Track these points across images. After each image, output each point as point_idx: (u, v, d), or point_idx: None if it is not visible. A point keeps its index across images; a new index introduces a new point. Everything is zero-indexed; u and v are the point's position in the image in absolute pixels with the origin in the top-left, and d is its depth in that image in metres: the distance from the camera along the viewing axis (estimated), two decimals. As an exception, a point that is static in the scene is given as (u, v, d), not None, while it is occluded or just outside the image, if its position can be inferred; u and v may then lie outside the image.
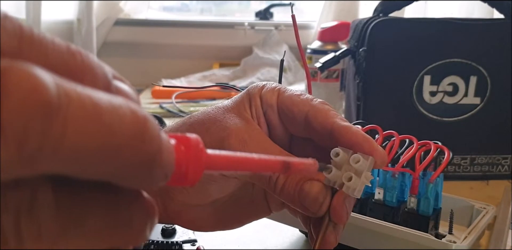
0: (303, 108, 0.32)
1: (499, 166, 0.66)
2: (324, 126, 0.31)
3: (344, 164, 0.29)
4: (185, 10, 1.81)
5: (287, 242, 0.48)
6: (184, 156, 0.16)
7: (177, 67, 1.48)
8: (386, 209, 0.42)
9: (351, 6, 1.41)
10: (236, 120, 0.33)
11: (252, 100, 0.34)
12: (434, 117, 0.65)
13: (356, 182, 0.28)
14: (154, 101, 1.13)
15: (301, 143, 0.34)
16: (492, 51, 0.64)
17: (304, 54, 0.39)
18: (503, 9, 0.68)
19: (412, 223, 0.41)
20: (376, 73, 0.65)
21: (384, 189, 0.43)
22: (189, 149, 0.16)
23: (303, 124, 0.32)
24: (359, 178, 0.28)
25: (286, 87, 0.34)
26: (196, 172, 0.17)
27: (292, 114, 0.33)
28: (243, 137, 0.32)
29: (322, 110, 0.32)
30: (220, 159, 0.18)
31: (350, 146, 0.30)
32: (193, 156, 0.16)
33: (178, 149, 0.16)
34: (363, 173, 0.28)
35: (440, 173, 0.41)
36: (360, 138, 0.29)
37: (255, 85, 0.35)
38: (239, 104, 0.34)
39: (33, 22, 1.44)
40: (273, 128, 0.34)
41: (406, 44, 0.64)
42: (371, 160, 0.29)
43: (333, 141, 0.30)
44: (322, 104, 0.33)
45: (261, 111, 0.34)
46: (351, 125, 0.31)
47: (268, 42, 1.44)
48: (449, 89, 0.64)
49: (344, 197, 0.30)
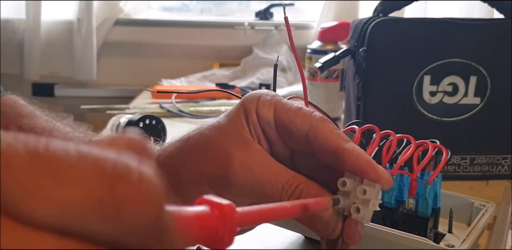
0: (302, 128, 0.31)
1: (499, 166, 0.66)
2: (326, 149, 0.30)
3: (352, 191, 0.30)
4: (185, 10, 1.81)
5: (287, 242, 0.48)
6: (219, 221, 0.17)
7: (177, 67, 1.48)
8: (384, 210, 0.42)
9: (351, 6, 1.41)
10: (237, 144, 0.31)
11: (249, 117, 0.32)
12: (434, 117, 0.65)
13: (365, 211, 0.29)
14: (154, 101, 1.13)
15: (304, 155, 0.33)
16: (492, 51, 0.64)
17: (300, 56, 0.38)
18: (503, 9, 0.68)
19: (411, 225, 0.41)
20: (376, 73, 0.65)
21: (382, 190, 0.43)
22: (224, 216, 0.18)
23: (303, 142, 0.31)
24: (367, 206, 0.29)
25: (282, 100, 0.33)
26: (231, 236, 0.18)
27: (291, 133, 0.32)
28: (246, 162, 0.31)
29: (322, 131, 0.31)
30: (249, 217, 0.20)
31: (354, 172, 0.30)
32: (229, 223, 0.18)
33: (213, 214, 0.17)
34: (371, 201, 0.29)
35: (438, 174, 0.41)
36: (364, 164, 0.29)
37: (249, 98, 0.33)
38: (236, 122, 0.32)
39: (33, 22, 1.44)
40: (273, 143, 0.33)
41: (406, 44, 0.64)
42: (378, 187, 0.29)
43: (337, 163, 0.30)
44: (322, 122, 0.31)
45: (259, 128, 0.32)
46: (354, 147, 0.30)
47: (268, 42, 1.44)
48: (449, 89, 0.64)
49: (355, 222, 0.30)
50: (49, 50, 1.48)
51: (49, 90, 1.56)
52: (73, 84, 1.55)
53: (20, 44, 1.47)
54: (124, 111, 1.00)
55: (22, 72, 1.48)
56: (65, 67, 1.49)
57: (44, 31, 1.46)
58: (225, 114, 0.34)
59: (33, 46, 1.44)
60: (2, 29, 1.47)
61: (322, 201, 0.26)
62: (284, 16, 0.36)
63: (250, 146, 0.32)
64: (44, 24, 1.46)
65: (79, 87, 1.56)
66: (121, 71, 1.56)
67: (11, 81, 1.51)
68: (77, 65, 1.46)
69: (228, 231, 0.18)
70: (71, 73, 1.48)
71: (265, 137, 0.33)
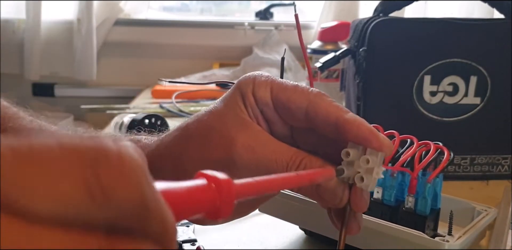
0: (301, 105, 0.31)
1: (499, 166, 0.66)
2: (328, 122, 0.31)
3: (356, 160, 0.30)
4: (185, 10, 1.81)
5: (287, 242, 0.48)
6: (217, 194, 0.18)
7: (177, 67, 1.48)
8: (384, 208, 0.42)
9: (351, 6, 1.41)
10: (237, 127, 0.32)
11: (245, 99, 0.33)
12: (434, 117, 0.65)
13: (369, 180, 0.30)
14: (154, 101, 1.13)
15: (303, 132, 0.34)
16: (492, 51, 0.64)
17: (300, 56, 0.38)
18: (503, 9, 0.68)
19: (409, 223, 0.41)
20: (376, 73, 0.65)
21: (383, 188, 0.43)
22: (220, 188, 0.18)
23: (303, 119, 0.32)
24: (371, 175, 0.30)
25: (277, 79, 0.33)
26: (228, 207, 0.18)
27: (290, 111, 0.32)
28: (249, 143, 0.31)
29: (321, 105, 0.31)
30: (249, 188, 0.20)
31: (358, 141, 0.30)
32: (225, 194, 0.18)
33: (210, 187, 0.18)
34: (374, 169, 0.30)
35: (438, 173, 0.41)
36: (366, 133, 0.30)
37: (244, 80, 0.33)
38: (233, 106, 0.33)
39: (33, 22, 1.44)
40: (273, 123, 0.33)
41: (406, 44, 0.64)
42: (381, 155, 0.30)
43: (339, 134, 0.31)
44: (320, 96, 0.32)
45: (257, 109, 0.33)
46: (355, 117, 0.31)
47: (268, 42, 1.44)
48: (449, 89, 0.64)
49: (361, 190, 0.31)
50: (49, 50, 1.48)
51: (49, 90, 1.56)
52: (73, 84, 1.55)
53: (20, 44, 1.47)
54: (124, 111, 1.00)
55: (22, 72, 1.48)
56: (65, 67, 1.49)
57: (44, 31, 1.46)
58: (221, 98, 0.34)
59: (33, 46, 1.44)
60: (2, 29, 1.47)
61: (326, 171, 0.27)
62: (295, 13, 0.36)
63: (250, 128, 0.32)
64: (44, 24, 1.46)
65: (79, 87, 1.56)
66: (121, 71, 1.56)
67: (11, 81, 1.51)
68: (77, 65, 1.46)
69: (225, 203, 0.18)
70: (71, 73, 1.48)
71: (263, 117, 0.33)
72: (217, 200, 0.18)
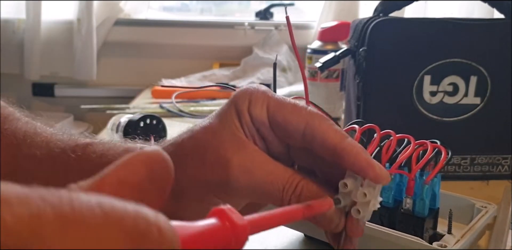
0: (299, 126, 0.31)
1: (499, 166, 0.66)
2: (325, 147, 0.30)
3: (353, 190, 0.30)
4: (185, 10, 1.81)
5: (287, 242, 0.48)
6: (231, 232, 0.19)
7: (177, 67, 1.48)
8: (382, 209, 0.42)
9: (351, 6, 1.41)
10: (233, 147, 0.31)
11: (241, 117, 0.32)
12: (434, 117, 0.65)
13: (365, 212, 0.30)
14: (154, 101, 1.13)
15: (300, 150, 0.33)
16: (492, 51, 0.64)
17: (300, 56, 0.38)
18: (503, 9, 0.68)
19: (408, 224, 0.41)
20: (376, 73, 0.65)
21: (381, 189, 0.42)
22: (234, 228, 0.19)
23: (300, 140, 0.31)
24: (367, 207, 0.30)
25: (274, 96, 0.32)
26: (242, 245, 0.20)
27: (287, 131, 0.31)
28: (245, 165, 0.31)
29: (319, 129, 0.30)
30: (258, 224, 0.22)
31: (354, 171, 0.30)
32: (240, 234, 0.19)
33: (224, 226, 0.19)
34: (371, 202, 0.30)
35: (436, 174, 0.41)
36: (363, 163, 0.29)
37: (240, 96, 0.32)
38: (229, 124, 0.32)
39: (33, 22, 1.44)
40: (269, 142, 0.33)
41: (406, 44, 0.64)
42: (378, 187, 0.30)
43: (336, 160, 0.30)
44: (318, 119, 0.31)
45: (253, 128, 0.32)
46: (353, 144, 0.30)
47: (268, 42, 1.44)
48: (449, 89, 0.64)
49: (357, 219, 0.31)
50: (49, 50, 1.48)
51: (49, 90, 1.56)
52: (73, 84, 1.55)
53: (20, 44, 1.47)
54: (124, 111, 1.00)
55: (22, 72, 1.48)
56: (65, 67, 1.49)
57: (44, 31, 1.46)
58: (216, 114, 0.33)
59: (33, 46, 1.44)
60: (2, 29, 1.47)
61: (325, 202, 0.28)
62: (286, 15, 0.35)
63: (246, 148, 0.31)
64: (44, 24, 1.46)
65: (79, 87, 1.56)
66: (121, 71, 1.56)
67: (11, 81, 1.51)
68: (77, 65, 1.46)
69: (239, 242, 0.19)
70: (71, 73, 1.48)
71: (259, 136, 0.32)
72: (233, 238, 0.19)
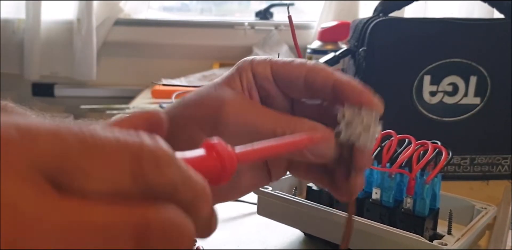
0: (300, 74, 0.33)
1: (499, 166, 0.66)
2: (326, 84, 0.33)
3: (352, 121, 0.32)
4: (185, 10, 1.81)
5: (287, 242, 0.48)
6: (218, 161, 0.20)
7: (177, 67, 1.48)
8: (383, 209, 0.42)
9: (351, 6, 1.41)
10: (229, 91, 0.34)
11: (242, 74, 0.34)
12: (434, 117, 0.65)
13: (366, 137, 0.31)
14: (154, 101, 1.13)
15: (302, 107, 0.35)
16: (492, 51, 0.64)
17: (302, 54, 0.39)
18: (503, 9, 0.68)
19: (408, 224, 0.41)
20: (376, 73, 0.65)
21: (381, 189, 0.43)
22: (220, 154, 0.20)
23: (303, 87, 0.33)
24: (368, 132, 0.31)
25: (275, 58, 0.35)
26: (229, 174, 0.20)
27: (290, 80, 0.34)
28: (240, 104, 0.33)
29: (319, 71, 0.33)
30: (250, 154, 0.21)
31: (352, 99, 0.32)
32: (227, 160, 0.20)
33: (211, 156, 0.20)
34: (370, 127, 0.31)
35: (437, 174, 0.41)
36: (359, 90, 0.32)
37: (244, 60, 0.35)
38: (229, 78, 0.35)
39: (33, 22, 1.44)
40: (273, 97, 0.35)
41: (406, 44, 0.64)
42: (375, 113, 0.32)
43: (336, 96, 0.32)
44: (316, 64, 0.34)
45: (253, 84, 0.34)
46: (351, 79, 0.33)
47: (268, 42, 1.44)
48: (449, 89, 0.64)
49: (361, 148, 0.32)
50: (49, 50, 1.48)
51: (49, 90, 1.56)
52: (73, 84, 1.55)
53: (20, 44, 1.47)
54: (124, 111, 1.00)
55: (22, 72, 1.48)
56: (65, 67, 1.49)
57: (44, 31, 1.46)
58: (220, 77, 0.36)
59: (33, 46, 1.44)
60: (2, 29, 1.47)
61: (325, 132, 0.29)
62: (288, 15, 0.37)
63: (241, 94, 0.34)
64: (44, 24, 1.46)
65: (79, 87, 1.56)
66: (121, 71, 1.56)
67: (11, 81, 1.51)
68: (77, 65, 1.46)
69: (226, 171, 0.20)
70: (71, 73, 1.48)
71: (263, 92, 0.34)
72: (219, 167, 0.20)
